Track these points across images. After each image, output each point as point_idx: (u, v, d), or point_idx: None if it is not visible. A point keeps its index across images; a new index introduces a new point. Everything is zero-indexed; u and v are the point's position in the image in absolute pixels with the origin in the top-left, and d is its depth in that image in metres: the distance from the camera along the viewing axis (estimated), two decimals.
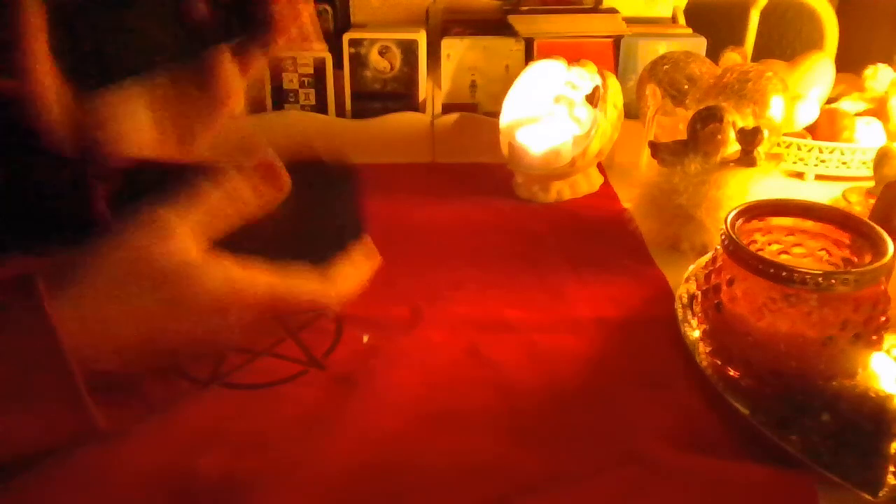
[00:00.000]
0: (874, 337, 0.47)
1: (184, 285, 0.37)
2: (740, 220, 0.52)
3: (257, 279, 0.39)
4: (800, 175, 0.88)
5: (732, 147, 0.67)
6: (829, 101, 0.90)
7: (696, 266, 0.64)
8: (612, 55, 0.95)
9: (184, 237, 0.37)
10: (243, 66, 0.47)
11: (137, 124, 0.44)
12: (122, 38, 0.40)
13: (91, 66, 0.40)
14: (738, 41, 1.08)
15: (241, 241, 0.39)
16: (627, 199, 0.79)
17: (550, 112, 0.85)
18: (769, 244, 0.55)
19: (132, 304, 0.37)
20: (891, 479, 0.42)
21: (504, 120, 0.85)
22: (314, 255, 0.42)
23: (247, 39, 0.45)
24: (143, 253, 0.36)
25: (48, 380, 0.35)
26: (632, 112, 0.87)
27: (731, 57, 0.89)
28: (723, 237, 0.50)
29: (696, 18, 1.06)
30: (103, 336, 0.37)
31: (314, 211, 0.42)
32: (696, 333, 0.54)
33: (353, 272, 0.44)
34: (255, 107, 0.94)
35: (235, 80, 0.47)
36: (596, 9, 1.01)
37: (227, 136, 0.48)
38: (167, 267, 0.37)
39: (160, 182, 0.39)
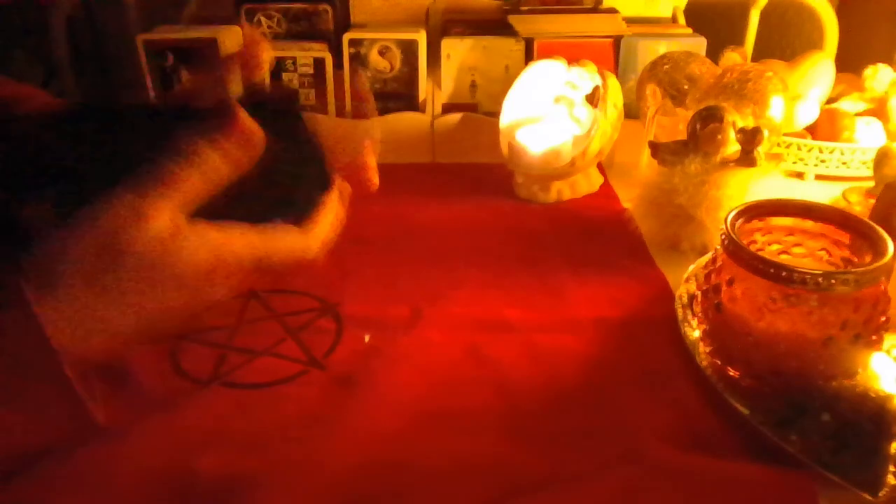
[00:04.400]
0: (874, 337, 0.47)
1: (167, 258, 0.36)
2: (740, 220, 0.52)
3: (236, 238, 0.38)
4: (800, 175, 0.88)
5: (732, 147, 0.67)
6: (829, 101, 0.90)
7: (696, 266, 0.64)
8: (612, 55, 0.95)
9: (155, 213, 0.36)
10: None
11: None
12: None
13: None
14: (738, 41, 1.08)
15: (212, 200, 0.38)
16: (627, 199, 0.79)
17: (550, 112, 0.85)
18: (769, 244, 0.55)
19: (119, 289, 0.36)
20: (891, 479, 0.42)
21: (504, 120, 0.85)
22: (287, 205, 0.41)
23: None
24: (117, 236, 0.35)
25: (40, 376, 0.35)
26: (632, 112, 0.87)
27: (731, 57, 0.89)
28: (723, 237, 0.50)
29: (696, 18, 1.06)
30: (95, 327, 0.36)
31: (278, 158, 0.40)
32: (696, 333, 0.54)
33: (329, 218, 0.43)
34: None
35: None
36: (596, 9, 1.01)
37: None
38: (146, 244, 0.36)
39: (128, 163, 0.37)
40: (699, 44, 0.95)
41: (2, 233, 0.38)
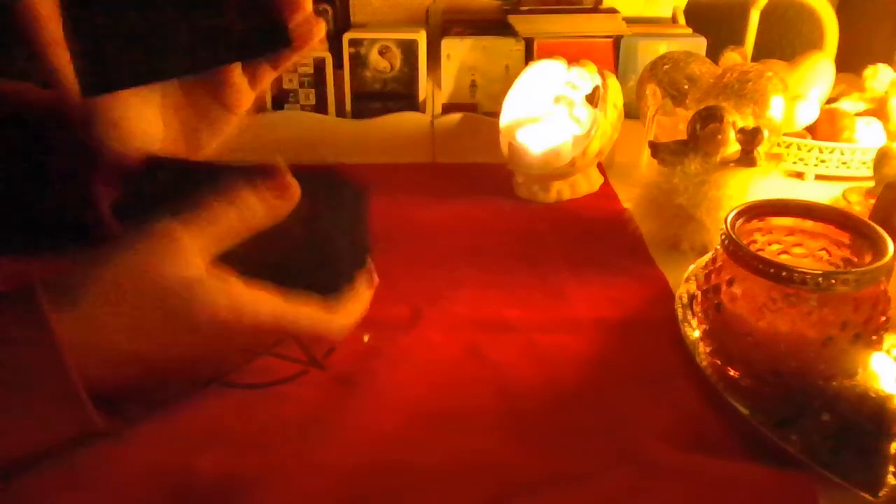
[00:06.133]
0: (874, 337, 0.47)
1: (188, 302, 0.36)
2: (740, 220, 0.52)
3: (263, 302, 0.38)
4: (800, 175, 0.88)
5: (732, 147, 0.67)
6: (829, 101, 0.90)
7: (696, 266, 0.64)
8: (612, 55, 0.95)
9: (192, 253, 0.36)
10: (253, 80, 0.47)
11: (148, 126, 0.44)
12: (136, 43, 0.40)
13: (100, 67, 0.40)
14: (738, 41, 1.07)
15: (250, 253, 0.38)
16: (627, 199, 0.79)
17: (550, 112, 0.85)
18: (769, 244, 0.55)
19: (134, 317, 0.36)
20: (891, 479, 0.42)
21: (504, 120, 0.85)
22: (321, 277, 0.41)
23: (261, 55, 0.45)
24: (150, 266, 0.36)
25: (47, 385, 0.35)
26: (632, 112, 0.87)
27: (731, 57, 0.89)
28: (723, 237, 0.50)
29: (696, 18, 1.06)
30: (103, 348, 0.36)
31: (321, 226, 0.41)
32: (696, 333, 0.54)
33: (357, 304, 0.43)
34: (256, 107, 0.93)
35: (246, 92, 0.47)
36: (596, 9, 1.01)
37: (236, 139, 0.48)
38: (173, 282, 0.36)
39: (169, 193, 0.38)
40: (699, 44, 0.95)
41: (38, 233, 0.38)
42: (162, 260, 0.36)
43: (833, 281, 0.45)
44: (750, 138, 0.66)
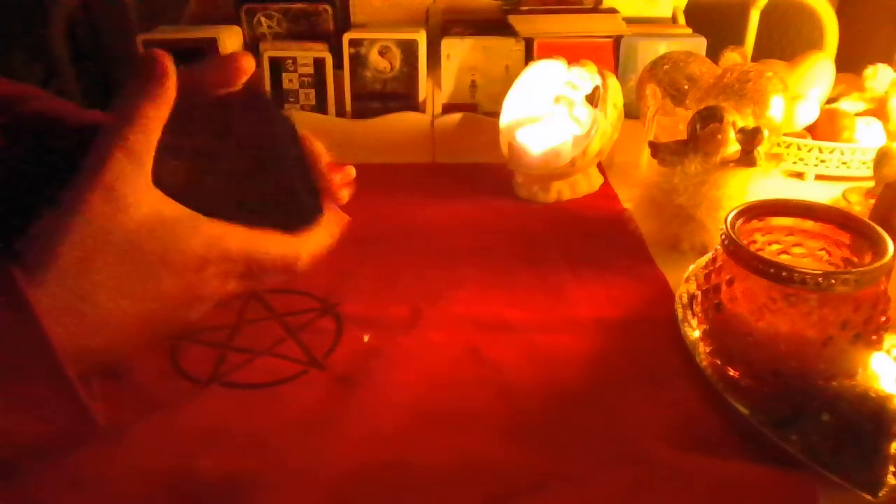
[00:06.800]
0: (874, 337, 0.47)
1: (159, 238, 0.36)
2: (740, 220, 0.52)
3: (228, 233, 0.39)
4: (800, 175, 0.88)
5: (732, 147, 0.67)
6: (829, 101, 0.90)
7: (696, 266, 0.64)
8: (612, 55, 0.95)
9: (139, 192, 0.36)
10: None
11: None
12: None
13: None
14: (738, 41, 1.07)
15: (212, 198, 0.39)
16: (627, 199, 0.79)
17: (550, 112, 0.85)
18: (769, 244, 0.55)
19: (109, 271, 0.36)
20: (891, 479, 0.42)
21: (504, 120, 0.85)
22: (284, 214, 0.42)
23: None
24: (102, 224, 0.35)
25: (38, 375, 0.35)
26: (632, 112, 0.87)
27: (731, 57, 0.89)
28: (723, 237, 0.50)
29: (696, 18, 1.06)
30: (85, 313, 0.36)
31: (276, 165, 0.42)
32: (696, 333, 0.54)
33: (323, 232, 0.43)
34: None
35: None
36: (596, 9, 1.01)
37: None
38: (134, 230, 0.36)
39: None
40: (699, 44, 0.95)
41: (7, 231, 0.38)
42: (110, 215, 0.35)
43: (833, 281, 0.45)
44: (750, 138, 0.66)
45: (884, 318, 0.47)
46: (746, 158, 0.67)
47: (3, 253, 0.36)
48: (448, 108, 0.95)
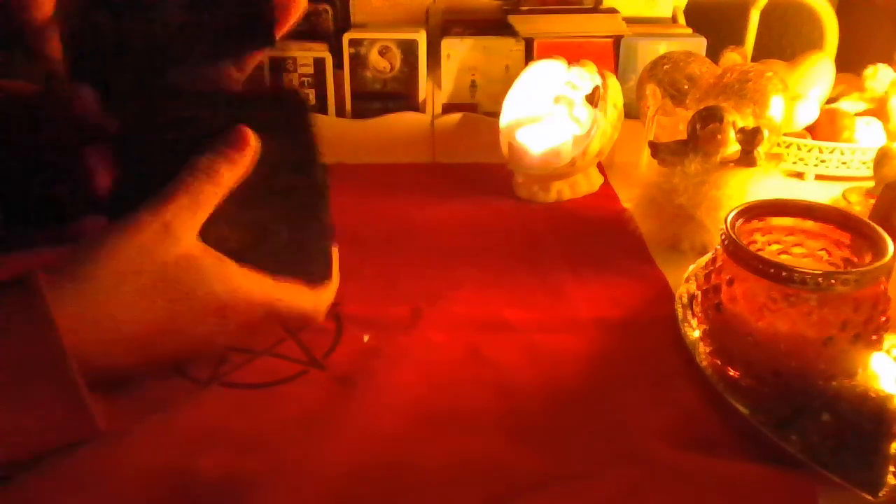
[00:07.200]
0: (874, 337, 0.47)
1: (187, 272, 0.38)
2: (740, 220, 0.52)
3: (256, 281, 0.41)
4: (800, 175, 0.88)
5: (732, 147, 0.67)
6: (829, 101, 0.90)
7: (696, 266, 0.64)
8: (612, 55, 0.95)
9: (182, 231, 0.39)
10: (242, 70, 0.47)
11: None
12: (129, 41, 0.41)
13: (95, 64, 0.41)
14: (738, 41, 1.07)
15: (240, 246, 0.41)
16: (627, 199, 0.79)
17: (550, 112, 0.85)
18: (769, 244, 0.55)
19: (136, 297, 0.37)
20: (891, 479, 0.42)
21: (504, 120, 0.85)
22: (302, 263, 0.45)
23: (247, 45, 0.46)
24: (145, 251, 0.37)
25: (48, 379, 0.35)
26: (632, 112, 0.87)
27: (731, 57, 0.89)
28: (723, 237, 0.50)
29: (696, 18, 1.06)
30: (103, 333, 0.37)
31: (298, 218, 0.44)
32: (696, 333, 0.54)
33: (334, 283, 0.47)
34: None
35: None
36: (596, 9, 1.01)
37: None
38: (171, 259, 0.38)
39: (144, 171, 0.41)
40: (699, 44, 0.95)
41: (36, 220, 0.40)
42: (156, 245, 0.38)
43: (833, 281, 0.45)
44: (750, 138, 0.66)
45: (884, 318, 0.47)
46: (746, 158, 0.67)
47: (35, 256, 0.38)
48: (448, 108, 0.95)
